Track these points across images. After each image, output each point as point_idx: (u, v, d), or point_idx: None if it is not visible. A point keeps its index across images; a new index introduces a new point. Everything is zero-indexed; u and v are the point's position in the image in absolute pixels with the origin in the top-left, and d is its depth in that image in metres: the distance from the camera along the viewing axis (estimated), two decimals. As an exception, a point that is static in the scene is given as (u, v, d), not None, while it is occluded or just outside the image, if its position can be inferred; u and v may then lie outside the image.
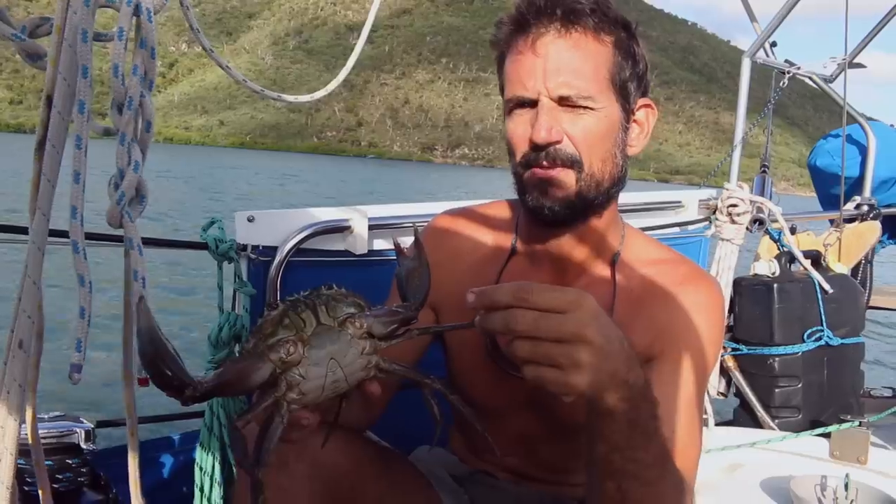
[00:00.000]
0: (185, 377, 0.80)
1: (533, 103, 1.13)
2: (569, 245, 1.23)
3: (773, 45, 3.51)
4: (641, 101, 1.20)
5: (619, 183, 1.20)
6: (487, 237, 1.34)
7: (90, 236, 1.44)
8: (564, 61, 1.11)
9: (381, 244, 1.94)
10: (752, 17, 3.67)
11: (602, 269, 1.25)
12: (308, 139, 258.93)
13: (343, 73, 1.49)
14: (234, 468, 1.76)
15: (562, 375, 0.84)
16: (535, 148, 1.13)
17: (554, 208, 1.16)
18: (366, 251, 1.90)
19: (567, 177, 1.14)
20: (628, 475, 0.96)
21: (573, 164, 1.14)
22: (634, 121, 1.21)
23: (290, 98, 1.43)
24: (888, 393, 3.23)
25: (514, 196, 1.24)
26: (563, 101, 1.12)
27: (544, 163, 1.14)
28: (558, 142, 1.12)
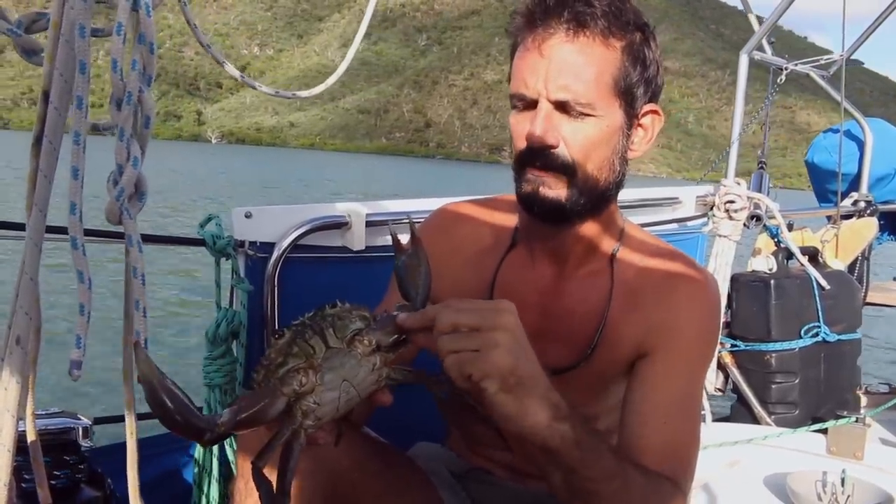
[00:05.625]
0: (199, 423, 0.80)
1: (533, 103, 1.13)
2: (568, 239, 1.23)
3: (772, 41, 3.51)
4: (648, 107, 1.19)
5: (615, 187, 1.20)
6: (488, 230, 1.34)
7: (90, 233, 1.43)
8: (567, 65, 1.10)
9: (378, 240, 1.93)
10: (748, 9, 3.66)
11: (600, 264, 1.25)
12: (377, 140, 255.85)
13: (342, 67, 1.48)
14: (231, 465, 1.76)
15: (480, 355, 0.89)
16: (531, 149, 1.13)
17: (544, 209, 1.16)
18: (363, 247, 1.90)
19: (559, 181, 1.14)
20: (591, 493, 1.00)
21: (566, 169, 1.13)
22: (639, 125, 1.20)
23: (288, 94, 1.43)
24: (884, 389, 3.24)
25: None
26: (562, 106, 1.11)
27: (538, 163, 1.14)
28: (553, 146, 1.12)
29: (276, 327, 1.16)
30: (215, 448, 1.77)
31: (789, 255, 3.01)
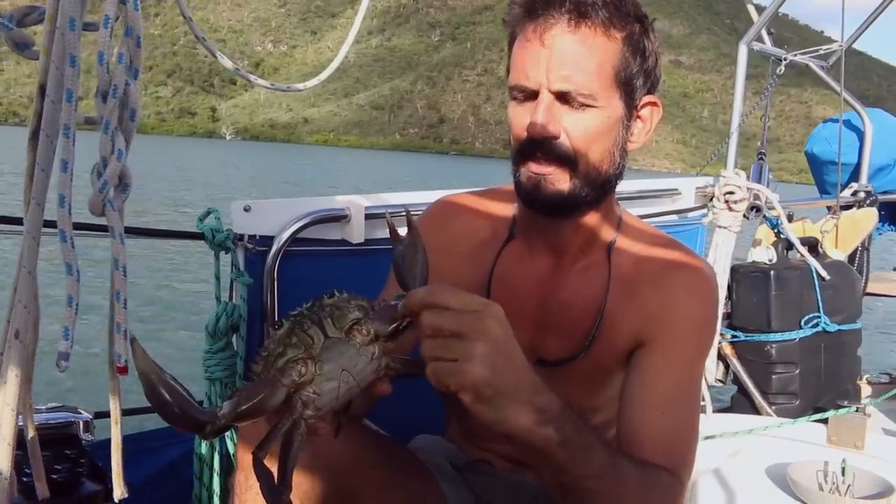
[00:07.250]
0: (200, 415, 0.80)
1: (534, 94, 1.12)
2: (566, 231, 1.23)
3: (770, 32, 3.50)
4: (646, 99, 1.19)
5: (615, 179, 1.20)
6: (485, 222, 1.34)
7: (82, 226, 1.43)
8: (569, 56, 1.09)
9: (378, 233, 1.93)
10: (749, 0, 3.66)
11: (598, 255, 1.25)
12: (390, 136, 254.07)
13: (336, 61, 1.48)
14: (232, 458, 1.77)
15: (456, 366, 0.86)
16: (532, 140, 1.13)
17: (546, 204, 1.16)
18: (362, 240, 1.90)
19: (561, 174, 1.14)
20: (584, 490, 0.99)
21: (567, 161, 1.13)
22: (638, 116, 1.19)
23: (283, 86, 1.42)
24: (885, 379, 3.24)
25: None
26: (563, 97, 1.11)
27: (539, 155, 1.13)
28: (555, 137, 1.11)
29: (276, 320, 1.16)
30: (216, 441, 1.77)
31: (789, 245, 3.01)
